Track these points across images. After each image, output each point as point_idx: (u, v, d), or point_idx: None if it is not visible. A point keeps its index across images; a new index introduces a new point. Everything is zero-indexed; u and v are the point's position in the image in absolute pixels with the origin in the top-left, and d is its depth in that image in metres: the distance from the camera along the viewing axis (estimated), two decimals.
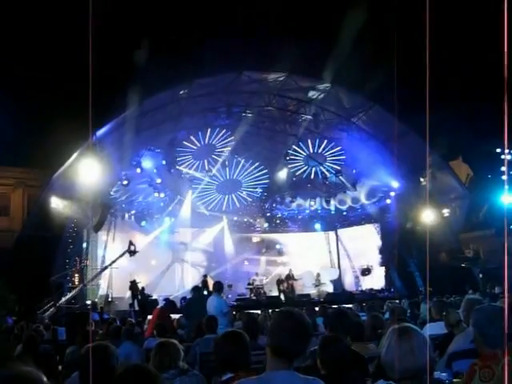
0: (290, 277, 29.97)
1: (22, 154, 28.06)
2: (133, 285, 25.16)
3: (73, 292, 24.47)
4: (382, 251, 32.35)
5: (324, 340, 4.65)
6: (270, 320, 3.53)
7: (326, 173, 31.64)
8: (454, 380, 3.99)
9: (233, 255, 33.05)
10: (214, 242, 32.78)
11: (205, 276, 27.49)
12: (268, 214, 34.18)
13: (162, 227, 31.06)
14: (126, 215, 30.03)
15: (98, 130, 22.05)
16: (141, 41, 23.79)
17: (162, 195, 29.69)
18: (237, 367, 3.91)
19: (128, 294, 26.03)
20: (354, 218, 33.90)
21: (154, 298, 25.41)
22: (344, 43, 22.02)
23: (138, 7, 27.12)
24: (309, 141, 30.46)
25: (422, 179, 27.70)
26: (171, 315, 14.36)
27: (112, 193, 27.82)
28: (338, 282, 32.39)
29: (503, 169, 30.96)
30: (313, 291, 30.30)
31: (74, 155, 22.88)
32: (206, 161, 30.51)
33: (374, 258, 32.68)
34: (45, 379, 2.36)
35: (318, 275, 31.28)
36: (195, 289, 14.50)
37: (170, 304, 14.69)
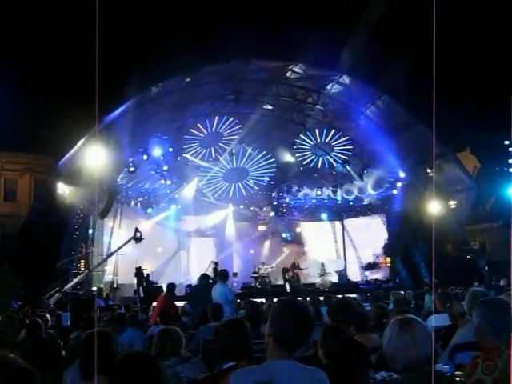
0: (295, 266, 29.98)
1: (29, 140, 28.12)
2: (138, 271, 25.19)
3: (78, 278, 24.51)
4: (387, 242, 32.34)
5: (326, 330, 4.64)
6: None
7: (333, 162, 31.56)
8: (456, 372, 3.98)
9: (238, 243, 33.06)
10: (220, 230, 32.76)
11: (216, 263, 27.65)
12: (274, 203, 34.08)
13: (167, 214, 31.08)
14: (133, 202, 30.01)
15: (105, 116, 22.03)
16: (150, 27, 23.77)
17: (169, 182, 29.61)
18: (238, 356, 3.90)
19: (133, 280, 26.09)
20: (360, 208, 33.85)
21: (159, 285, 25.48)
22: (354, 33, 21.95)
23: None
24: (316, 130, 30.36)
25: (429, 170, 27.61)
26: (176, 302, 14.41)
27: (118, 179, 27.78)
28: (343, 272, 32.39)
29: (511, 161, 30.92)
30: (317, 280, 30.31)
31: (81, 141, 22.90)
32: (212, 149, 30.42)
33: (379, 249, 32.68)
34: (21, 362, 2.35)
35: (323, 265, 31.29)
36: (203, 276, 14.48)
37: (171, 287, 14.66)
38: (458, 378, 3.52)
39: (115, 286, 27.66)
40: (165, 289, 16.53)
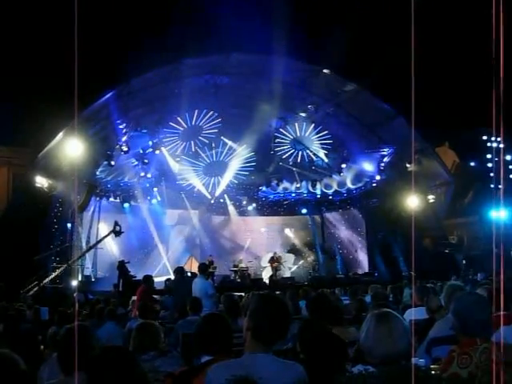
0: (274, 259, 30.06)
1: (7, 132, 27.81)
2: (120, 265, 25.01)
3: (57, 272, 24.37)
4: (366, 235, 32.49)
5: (304, 324, 4.66)
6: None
7: (313, 156, 31.67)
8: (432, 366, 4.01)
9: (218, 237, 33.09)
10: (200, 223, 32.76)
11: (210, 256, 27.86)
12: (254, 197, 34.12)
13: (147, 207, 30.98)
14: (112, 195, 29.87)
15: (85, 109, 21.93)
16: (129, 19, 23.63)
17: (149, 175, 29.60)
18: (216, 350, 3.90)
19: (112, 274, 25.96)
20: (339, 202, 33.92)
21: (137, 278, 25.39)
22: (331, 26, 22.04)
23: None
24: (296, 124, 30.47)
25: (408, 165, 27.78)
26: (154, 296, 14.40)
27: (98, 173, 27.65)
28: (321, 266, 32.61)
29: (489, 156, 31.19)
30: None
31: (60, 134, 22.76)
32: (192, 142, 30.42)
33: (358, 242, 32.84)
34: (21, 362, 2.32)
35: (280, 258, 31.17)
36: (178, 270, 14.50)
37: (147, 279, 14.60)
38: (433, 372, 3.55)
39: (94, 279, 27.55)
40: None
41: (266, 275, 30.75)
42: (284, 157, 31.77)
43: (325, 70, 26.11)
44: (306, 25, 22.87)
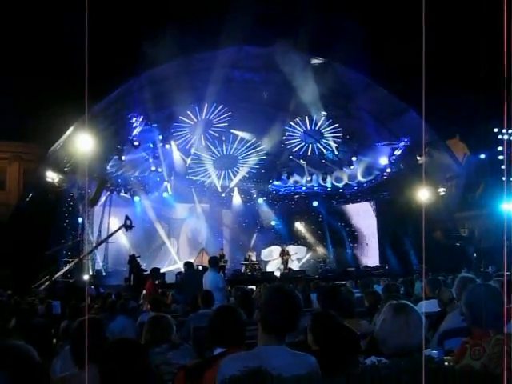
0: (284, 253, 30.03)
1: (17, 128, 27.94)
2: (132, 259, 25.09)
3: (68, 266, 24.49)
4: (377, 229, 32.43)
5: (315, 316, 4.66)
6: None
7: (323, 150, 31.63)
8: (445, 358, 4.01)
9: (228, 231, 33.11)
10: (210, 217, 32.78)
11: (221, 249, 28.01)
12: (265, 190, 34.11)
13: (157, 202, 31.02)
14: (122, 190, 29.90)
15: (95, 104, 21.96)
16: (139, 14, 23.62)
17: (159, 170, 29.63)
18: (229, 342, 3.92)
19: (123, 268, 26.05)
20: (350, 195, 33.88)
21: (148, 272, 25.49)
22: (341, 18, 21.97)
23: None
24: (306, 117, 30.40)
25: (418, 157, 27.71)
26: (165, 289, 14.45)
27: (108, 167, 27.72)
28: (332, 259, 32.63)
29: (500, 148, 31.01)
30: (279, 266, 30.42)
31: (71, 129, 22.83)
32: (202, 136, 30.43)
33: (369, 236, 32.80)
34: (36, 354, 2.33)
35: (290, 251, 31.14)
36: (187, 265, 14.50)
37: (153, 273, 14.65)
38: (446, 363, 3.54)
39: (105, 273, 27.65)
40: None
41: (272, 268, 30.79)
42: (294, 150, 31.73)
43: (336, 63, 26.03)
44: (316, 17, 22.71)
